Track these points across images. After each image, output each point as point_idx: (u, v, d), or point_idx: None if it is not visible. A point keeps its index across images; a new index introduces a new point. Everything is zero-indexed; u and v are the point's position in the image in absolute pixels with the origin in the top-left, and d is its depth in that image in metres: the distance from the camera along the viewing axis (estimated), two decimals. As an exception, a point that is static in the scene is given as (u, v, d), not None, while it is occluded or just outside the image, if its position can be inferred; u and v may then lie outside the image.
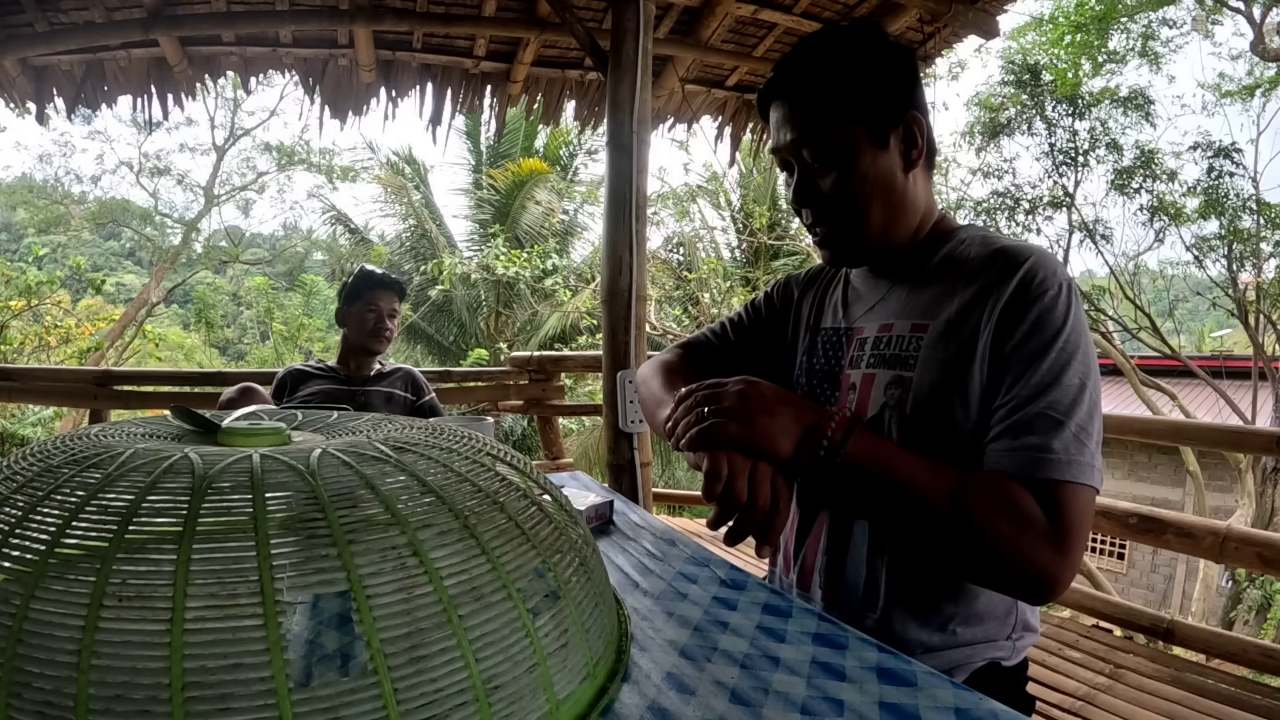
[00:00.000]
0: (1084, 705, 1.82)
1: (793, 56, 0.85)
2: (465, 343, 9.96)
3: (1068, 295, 0.74)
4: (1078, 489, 0.67)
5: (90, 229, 16.71)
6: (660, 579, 0.79)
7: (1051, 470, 0.68)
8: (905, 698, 0.54)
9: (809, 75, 0.83)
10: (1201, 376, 7.62)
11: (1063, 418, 0.69)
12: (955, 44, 2.84)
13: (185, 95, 2.62)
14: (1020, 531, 0.66)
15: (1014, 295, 0.74)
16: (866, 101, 0.81)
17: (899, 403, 0.81)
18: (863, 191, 0.82)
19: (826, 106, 0.81)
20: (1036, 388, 0.71)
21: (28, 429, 6.98)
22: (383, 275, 2.12)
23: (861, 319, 0.91)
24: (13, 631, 0.37)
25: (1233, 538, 1.94)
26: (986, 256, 0.80)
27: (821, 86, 0.82)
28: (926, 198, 0.88)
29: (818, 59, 0.83)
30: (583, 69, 2.88)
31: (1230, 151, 7.25)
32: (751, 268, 10.06)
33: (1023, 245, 0.80)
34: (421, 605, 0.42)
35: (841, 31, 0.85)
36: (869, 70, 0.81)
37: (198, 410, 0.61)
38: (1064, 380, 0.71)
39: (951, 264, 0.84)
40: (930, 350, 0.79)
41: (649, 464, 2.30)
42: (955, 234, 0.87)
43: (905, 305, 0.86)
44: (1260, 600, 6.74)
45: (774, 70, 0.88)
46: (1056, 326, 0.73)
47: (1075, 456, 0.68)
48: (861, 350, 0.88)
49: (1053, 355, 0.72)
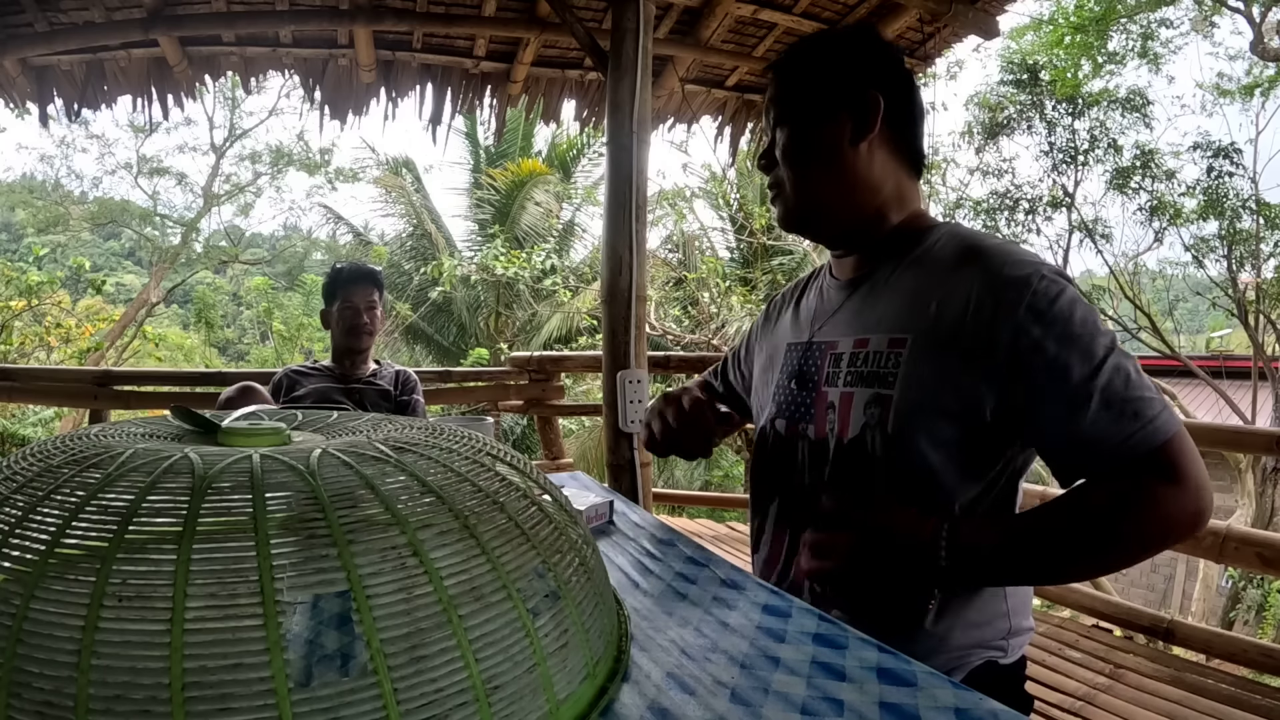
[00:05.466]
0: (1084, 705, 1.82)
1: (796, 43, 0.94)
2: (465, 343, 9.96)
3: (1051, 277, 0.74)
4: (1174, 439, 0.70)
5: (90, 229, 16.70)
6: (660, 579, 0.79)
7: (1145, 441, 0.70)
8: (905, 698, 0.54)
9: (788, 49, 0.93)
10: (1201, 376, 7.62)
11: (1121, 393, 0.71)
12: (955, 44, 2.84)
13: (185, 95, 2.62)
14: (1164, 520, 0.70)
15: (1004, 304, 0.74)
16: (819, 72, 0.88)
17: (880, 421, 0.80)
18: (804, 153, 0.87)
19: (787, 74, 0.90)
20: (1082, 390, 0.71)
21: (28, 429, 6.98)
22: (353, 269, 2.07)
23: (834, 329, 0.90)
24: (13, 631, 0.37)
25: (1233, 538, 1.94)
26: (961, 259, 0.80)
27: (789, 57, 0.91)
28: (888, 180, 0.88)
29: (799, 41, 0.93)
30: (583, 69, 2.88)
31: (1230, 151, 7.25)
32: (750, 268, 10.06)
33: (996, 247, 0.79)
34: (421, 605, 0.42)
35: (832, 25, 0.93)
36: (827, 46, 0.90)
37: (198, 410, 0.61)
38: (1099, 361, 0.71)
39: (925, 266, 0.83)
40: (910, 367, 0.79)
41: (649, 464, 2.30)
42: (929, 232, 0.87)
43: (879, 315, 0.85)
44: (1260, 600, 6.74)
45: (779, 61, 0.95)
46: (1064, 318, 0.72)
47: (1152, 416, 0.70)
48: (838, 367, 0.87)
49: (1078, 349, 0.72)
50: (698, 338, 8.31)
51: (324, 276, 2.14)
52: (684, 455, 0.98)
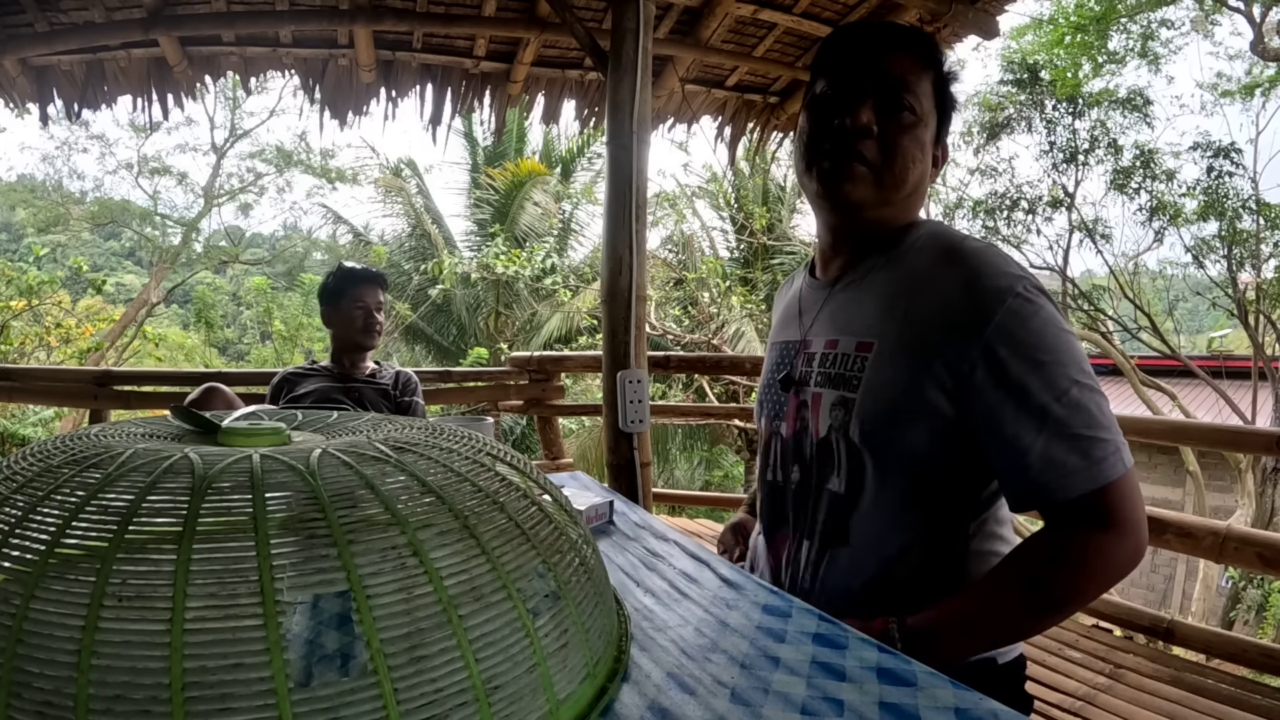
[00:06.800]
0: (1084, 705, 1.82)
1: (913, 30, 0.92)
2: (465, 343, 9.96)
3: (1028, 295, 0.73)
4: (1114, 485, 0.70)
5: (90, 229, 16.69)
6: (660, 579, 0.79)
7: (1083, 484, 0.69)
8: (905, 698, 0.54)
9: (934, 50, 0.88)
10: (1201, 376, 7.62)
11: (1074, 429, 0.70)
12: (955, 44, 2.84)
13: (185, 95, 2.62)
14: (1099, 570, 0.71)
15: (976, 319, 0.73)
16: (948, 102, 0.89)
17: (843, 425, 0.80)
18: (915, 153, 0.85)
19: (937, 81, 0.87)
20: (1038, 418, 0.71)
21: (28, 429, 6.97)
22: (364, 270, 2.11)
23: (813, 329, 0.91)
24: (13, 631, 0.37)
25: (1233, 538, 1.94)
26: (939, 262, 0.80)
27: (941, 66, 0.88)
28: (918, 208, 0.91)
29: (938, 47, 0.89)
30: (583, 69, 2.88)
31: (1230, 151, 7.24)
32: (750, 268, 10.06)
33: (974, 252, 0.78)
34: (421, 605, 0.42)
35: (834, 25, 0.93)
36: (954, 87, 0.91)
37: (197, 410, 0.61)
38: (1060, 391, 0.71)
39: (903, 268, 0.83)
40: (875, 373, 0.79)
41: (649, 464, 2.30)
42: (910, 229, 0.87)
43: (850, 317, 0.85)
44: (1260, 600, 6.75)
45: (885, 26, 0.95)
46: (1033, 342, 0.72)
47: (1100, 458, 0.70)
48: (810, 366, 0.88)
49: (1042, 375, 0.71)
50: (698, 338, 8.31)
51: (326, 277, 2.15)
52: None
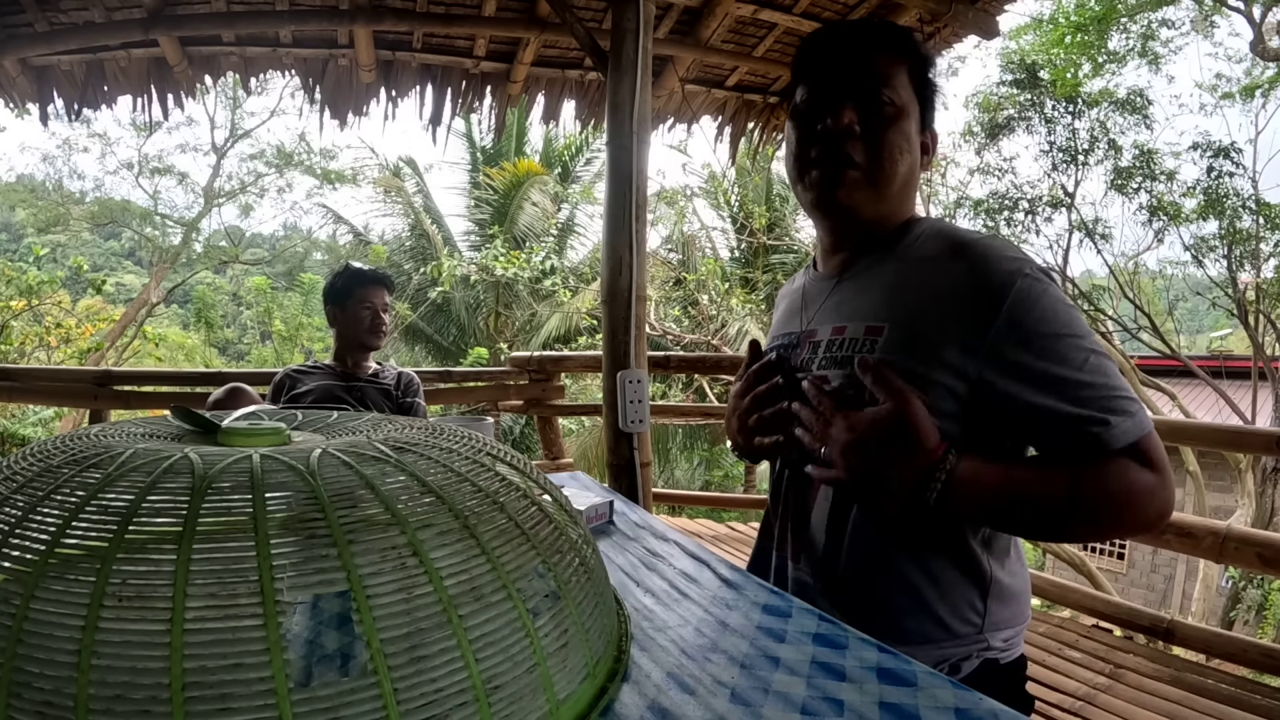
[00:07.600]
0: (1084, 705, 1.82)
1: (882, 24, 0.93)
2: (465, 343, 9.97)
3: (1035, 276, 0.75)
4: (1150, 436, 0.74)
5: (90, 229, 16.69)
6: (660, 579, 0.79)
7: (1130, 433, 0.72)
8: (905, 698, 0.54)
9: (907, 40, 0.89)
10: (1201, 376, 7.63)
11: (1103, 391, 0.72)
12: (955, 44, 2.84)
13: (185, 95, 2.62)
14: (1145, 503, 0.73)
15: (987, 301, 0.75)
16: (928, 89, 0.89)
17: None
18: (901, 145, 0.86)
19: (913, 70, 0.88)
20: (1065, 386, 0.73)
21: (28, 429, 6.97)
22: (371, 271, 2.13)
23: (817, 320, 0.92)
24: (13, 631, 0.37)
25: (1233, 538, 1.94)
26: (945, 254, 0.81)
27: (916, 53, 0.88)
28: (914, 199, 0.93)
29: (911, 36, 0.90)
30: (583, 69, 2.88)
31: (1229, 151, 7.25)
32: (750, 268, 10.07)
33: (979, 242, 0.80)
34: (421, 605, 0.42)
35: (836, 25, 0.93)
36: (932, 72, 0.91)
37: (198, 410, 0.61)
38: (1080, 361, 0.73)
39: (907, 261, 0.85)
40: (887, 354, 0.79)
41: (649, 464, 2.30)
42: (912, 227, 0.88)
43: (857, 305, 0.87)
44: (1260, 600, 6.75)
45: (855, 24, 0.95)
46: (1047, 318, 0.74)
47: (1133, 412, 0.73)
48: (814, 353, 0.88)
49: (1059, 349, 0.73)
50: (698, 338, 8.32)
51: (333, 277, 2.16)
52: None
